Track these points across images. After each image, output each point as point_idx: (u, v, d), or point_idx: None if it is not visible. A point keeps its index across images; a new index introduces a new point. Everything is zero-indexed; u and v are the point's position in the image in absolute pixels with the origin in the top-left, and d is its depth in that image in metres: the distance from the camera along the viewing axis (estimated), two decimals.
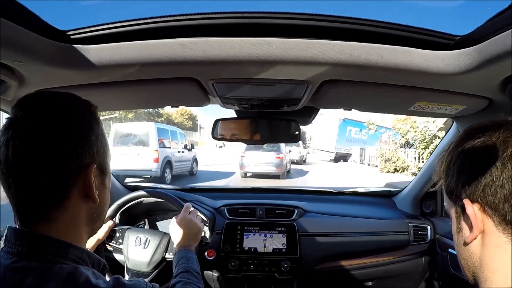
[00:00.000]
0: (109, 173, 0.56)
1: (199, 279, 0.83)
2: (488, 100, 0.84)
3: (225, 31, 0.64)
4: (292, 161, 13.90)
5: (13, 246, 0.46)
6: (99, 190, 0.52)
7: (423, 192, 1.51)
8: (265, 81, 0.80)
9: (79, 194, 0.49)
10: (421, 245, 1.44)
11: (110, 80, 0.79)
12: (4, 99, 0.75)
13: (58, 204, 0.47)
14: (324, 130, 18.57)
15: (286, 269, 1.30)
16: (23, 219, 0.47)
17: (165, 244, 1.05)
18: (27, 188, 0.46)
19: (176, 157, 8.97)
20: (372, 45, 0.64)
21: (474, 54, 0.61)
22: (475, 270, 0.46)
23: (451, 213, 0.50)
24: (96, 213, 0.54)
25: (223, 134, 1.14)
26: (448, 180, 0.48)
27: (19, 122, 0.46)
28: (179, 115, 37.16)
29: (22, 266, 0.45)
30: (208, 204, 1.47)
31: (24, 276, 0.44)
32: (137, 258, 1.06)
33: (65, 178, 0.47)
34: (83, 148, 0.48)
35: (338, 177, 11.24)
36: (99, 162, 0.51)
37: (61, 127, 0.47)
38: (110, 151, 0.56)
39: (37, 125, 0.46)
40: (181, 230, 0.98)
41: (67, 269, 0.45)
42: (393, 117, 15.28)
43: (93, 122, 0.51)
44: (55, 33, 0.63)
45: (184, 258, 0.88)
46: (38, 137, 0.46)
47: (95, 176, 0.50)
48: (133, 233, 1.11)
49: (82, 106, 0.52)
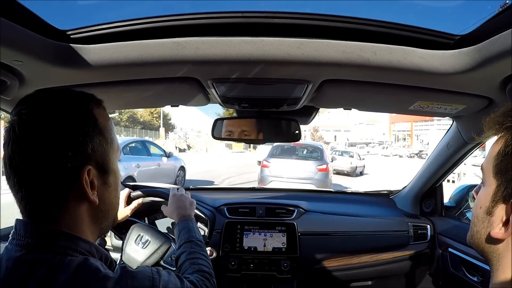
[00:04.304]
0: (114, 171, 0.53)
1: (202, 247, 0.82)
2: (488, 100, 0.84)
3: (224, 31, 0.64)
4: (340, 171, 11.49)
5: (22, 238, 0.46)
6: (100, 190, 0.51)
7: (423, 191, 1.51)
8: (265, 81, 0.80)
9: (78, 195, 0.48)
10: (421, 244, 1.44)
11: (110, 79, 0.79)
12: (4, 99, 0.75)
13: (59, 204, 0.47)
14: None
15: (286, 268, 1.30)
16: (29, 216, 0.48)
17: (163, 251, 1.04)
18: (30, 187, 0.46)
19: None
20: (372, 45, 0.64)
21: (474, 53, 0.61)
22: (487, 252, 0.47)
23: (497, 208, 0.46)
24: (101, 214, 0.52)
25: (222, 133, 1.14)
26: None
27: (15, 123, 0.46)
28: (147, 113, 33.50)
29: (32, 258, 0.45)
30: (208, 203, 1.47)
31: (34, 268, 0.44)
32: (132, 255, 1.05)
33: (63, 178, 0.47)
34: (74, 149, 0.47)
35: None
36: (97, 161, 0.49)
37: (51, 128, 0.46)
38: (115, 147, 0.53)
39: (32, 126, 0.46)
40: (175, 205, 0.97)
41: (77, 261, 0.46)
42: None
43: (86, 120, 0.49)
44: (55, 33, 0.63)
45: (186, 228, 0.87)
46: (32, 138, 0.45)
47: (95, 176, 0.49)
48: (137, 229, 1.10)
49: (76, 104, 0.49)
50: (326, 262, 1.39)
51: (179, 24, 0.64)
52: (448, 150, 1.26)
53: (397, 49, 0.65)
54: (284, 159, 6.52)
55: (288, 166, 6.36)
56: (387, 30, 0.64)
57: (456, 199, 1.51)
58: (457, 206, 1.49)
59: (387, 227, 1.45)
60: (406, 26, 0.65)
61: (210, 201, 1.50)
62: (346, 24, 0.64)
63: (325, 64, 0.67)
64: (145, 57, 0.66)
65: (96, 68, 0.67)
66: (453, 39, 0.64)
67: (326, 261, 1.39)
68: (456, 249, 1.29)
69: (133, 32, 0.65)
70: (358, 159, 12.61)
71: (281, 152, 6.78)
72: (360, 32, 0.64)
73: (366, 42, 0.64)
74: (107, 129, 0.52)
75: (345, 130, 51.27)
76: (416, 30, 0.65)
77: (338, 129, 50.72)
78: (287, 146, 7.11)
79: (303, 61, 0.66)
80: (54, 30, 0.63)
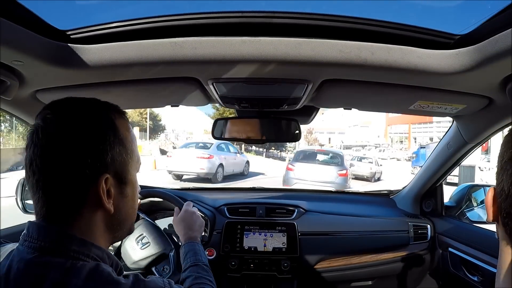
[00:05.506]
0: (132, 182, 0.53)
1: (208, 272, 0.82)
2: (488, 99, 0.84)
3: (224, 31, 0.64)
4: (360, 177, 11.74)
5: (35, 241, 0.46)
6: (117, 200, 0.51)
7: (423, 191, 1.51)
8: (264, 81, 0.80)
9: (94, 202, 0.48)
10: (421, 244, 1.44)
11: (110, 79, 0.79)
12: (4, 99, 0.75)
13: (74, 209, 0.48)
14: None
15: (286, 268, 1.30)
16: (44, 218, 0.48)
17: (159, 259, 1.04)
18: (47, 190, 0.47)
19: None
20: (370, 44, 0.64)
21: (474, 53, 0.61)
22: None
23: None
24: (116, 222, 0.52)
25: (223, 133, 1.14)
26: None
27: (39, 127, 0.47)
28: (136, 113, 32.35)
29: (45, 261, 0.45)
30: (208, 203, 1.47)
31: (47, 271, 0.44)
32: (129, 251, 1.05)
33: (80, 184, 0.47)
34: (94, 157, 0.47)
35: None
36: (115, 171, 0.50)
37: (73, 134, 0.47)
38: (135, 159, 0.54)
39: (53, 131, 0.47)
40: (186, 222, 0.97)
41: (89, 266, 0.46)
42: None
43: (108, 130, 0.49)
44: (54, 33, 0.63)
45: (192, 251, 0.87)
46: (53, 143, 0.46)
47: (112, 185, 0.49)
48: (142, 228, 1.08)
49: (99, 113, 0.50)
50: (326, 262, 1.39)
51: (178, 24, 0.64)
52: (448, 150, 1.26)
53: (395, 49, 0.65)
54: (307, 163, 7.14)
55: (311, 170, 6.97)
56: (386, 29, 0.64)
57: (457, 199, 1.51)
58: (458, 206, 1.49)
59: (387, 227, 1.45)
60: (406, 26, 0.65)
61: (210, 201, 1.50)
62: (344, 24, 0.64)
63: (323, 64, 0.67)
64: (145, 57, 0.66)
65: (96, 68, 0.67)
66: (453, 38, 0.64)
67: (326, 261, 1.39)
68: (456, 249, 1.29)
69: (133, 32, 0.65)
70: (376, 165, 13.06)
71: (304, 157, 7.41)
72: (359, 32, 0.64)
73: (365, 41, 0.64)
74: (128, 140, 0.52)
75: (340, 133, 50.63)
76: (415, 29, 0.65)
77: (332, 131, 50.26)
78: (310, 152, 7.88)
79: (301, 61, 0.66)
80: (54, 30, 0.63)
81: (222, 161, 9.82)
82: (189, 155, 9.38)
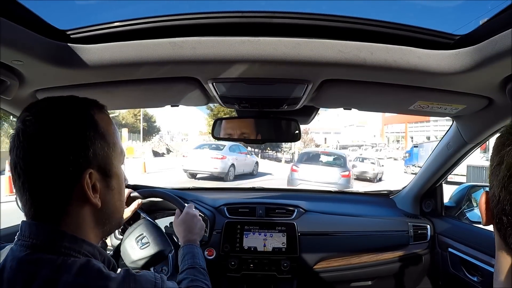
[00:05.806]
0: (117, 175, 0.54)
1: (205, 275, 0.82)
2: (488, 100, 0.84)
3: (223, 31, 0.64)
4: (362, 177, 11.96)
5: (27, 239, 0.47)
6: (103, 193, 0.51)
7: (423, 191, 1.51)
8: (264, 81, 0.80)
9: (80, 198, 0.49)
10: (421, 244, 1.44)
11: (110, 79, 0.79)
12: (4, 99, 0.75)
13: (61, 206, 0.48)
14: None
15: (286, 268, 1.30)
16: (34, 219, 0.48)
17: (157, 260, 1.03)
18: (33, 190, 0.47)
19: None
20: (370, 45, 0.64)
21: (474, 53, 0.61)
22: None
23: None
24: (104, 216, 0.52)
25: (222, 133, 1.14)
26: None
27: (19, 130, 0.47)
28: (130, 115, 31.49)
29: (36, 258, 0.45)
30: (208, 203, 1.47)
31: (38, 268, 0.44)
32: (128, 250, 1.05)
33: (65, 182, 0.47)
34: (75, 153, 0.48)
35: None
36: (98, 165, 0.50)
37: (52, 133, 0.47)
38: (118, 151, 0.54)
39: (33, 132, 0.47)
40: (187, 225, 0.97)
41: (80, 262, 0.46)
42: None
43: (87, 125, 0.50)
44: (54, 33, 0.63)
45: (190, 253, 0.87)
46: (34, 144, 0.47)
47: (97, 179, 0.50)
48: (143, 227, 1.07)
49: (77, 109, 0.50)
50: (326, 262, 1.39)
51: (178, 24, 0.64)
52: (448, 150, 1.26)
53: (395, 49, 0.64)
54: (311, 165, 7.38)
55: (315, 171, 7.19)
56: (386, 30, 0.64)
57: (456, 199, 1.51)
58: (457, 206, 1.49)
59: (387, 227, 1.45)
60: (406, 26, 0.65)
61: (210, 201, 1.50)
62: (344, 24, 0.64)
63: (323, 64, 0.67)
64: (145, 57, 0.66)
65: (96, 68, 0.67)
66: (453, 39, 0.64)
67: (326, 261, 1.39)
68: (456, 249, 1.29)
69: (133, 32, 0.65)
70: (378, 166, 13.20)
71: (308, 159, 7.61)
72: (359, 32, 0.64)
73: (365, 42, 0.64)
74: (109, 133, 0.52)
75: (335, 132, 50.39)
76: (415, 30, 0.65)
77: (328, 131, 50.08)
78: (314, 153, 8.08)
79: (301, 61, 0.66)
80: (54, 30, 0.63)
81: (233, 161, 10.51)
82: (203, 156, 10.02)
